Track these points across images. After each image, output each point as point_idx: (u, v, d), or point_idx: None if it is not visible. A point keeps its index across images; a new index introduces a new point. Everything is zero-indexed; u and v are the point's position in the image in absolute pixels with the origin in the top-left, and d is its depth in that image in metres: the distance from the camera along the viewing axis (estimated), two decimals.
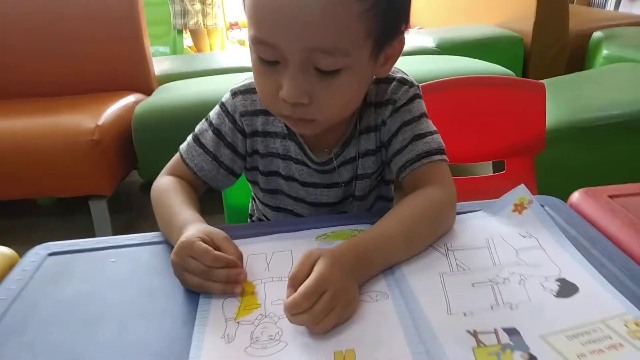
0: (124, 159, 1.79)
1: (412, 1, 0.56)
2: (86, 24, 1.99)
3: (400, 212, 0.56)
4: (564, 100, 1.64)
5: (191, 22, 3.27)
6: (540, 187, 1.21)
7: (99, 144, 1.60)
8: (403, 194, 0.62)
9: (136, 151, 1.79)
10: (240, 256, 0.51)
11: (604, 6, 4.44)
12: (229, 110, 0.66)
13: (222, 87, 1.94)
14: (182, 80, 2.13)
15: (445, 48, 2.49)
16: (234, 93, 0.67)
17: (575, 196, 0.66)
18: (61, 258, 0.59)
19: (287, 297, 0.44)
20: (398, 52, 0.57)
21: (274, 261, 0.55)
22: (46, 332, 0.47)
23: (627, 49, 2.28)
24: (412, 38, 2.69)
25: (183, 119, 1.66)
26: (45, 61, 1.99)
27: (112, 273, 0.55)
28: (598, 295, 0.46)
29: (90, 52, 2.00)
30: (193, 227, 0.53)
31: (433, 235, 0.56)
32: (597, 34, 2.55)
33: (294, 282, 0.45)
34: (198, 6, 3.28)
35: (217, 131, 0.66)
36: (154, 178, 0.68)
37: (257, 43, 0.52)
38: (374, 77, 0.62)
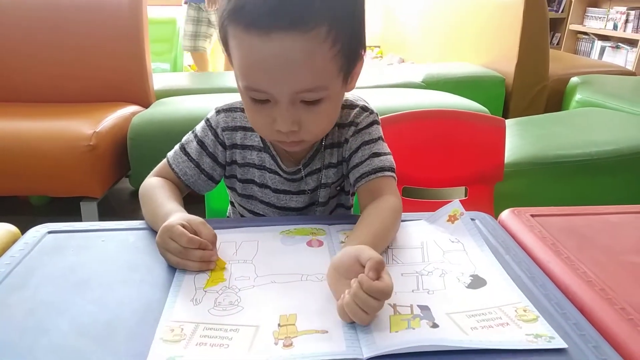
0: (117, 166, 1.88)
1: (406, 38, 0.68)
2: (92, 38, 2.12)
3: (380, 221, 0.65)
4: (530, 137, 1.77)
5: (200, 45, 3.22)
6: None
7: (95, 149, 1.70)
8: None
9: (130, 159, 1.89)
10: (214, 237, 0.61)
11: (589, 54, 4.65)
12: (212, 125, 0.77)
13: (215, 104, 2.07)
14: (179, 96, 2.25)
15: (431, 83, 2.63)
16: (218, 111, 0.78)
17: (505, 214, 0.77)
18: (58, 236, 0.68)
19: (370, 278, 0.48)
20: (360, 69, 0.69)
21: (241, 248, 0.65)
22: (43, 290, 0.56)
23: (598, 94, 2.43)
24: (402, 73, 2.84)
25: (176, 132, 1.72)
26: (51, 70, 2.11)
27: (101, 250, 0.65)
28: (501, 289, 0.57)
29: (95, 64, 2.12)
30: (175, 215, 0.63)
31: (394, 234, 0.67)
32: (574, 79, 2.69)
33: (379, 266, 0.50)
34: (212, 31, 3.25)
35: (200, 142, 0.77)
36: None
37: (250, 90, 0.63)
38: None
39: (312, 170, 0.77)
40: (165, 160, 0.78)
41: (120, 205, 2.22)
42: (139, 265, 0.62)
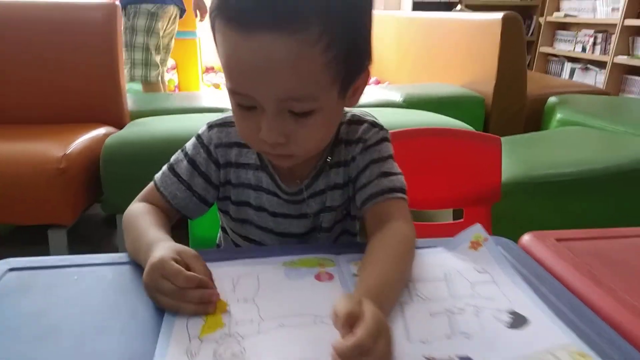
0: (88, 191, 1.76)
1: (382, 59, 0.61)
2: (64, 55, 2.01)
3: (391, 255, 0.57)
4: (520, 156, 1.74)
5: (153, 74, 2.80)
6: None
7: (65, 173, 1.58)
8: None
9: (102, 183, 1.77)
10: (209, 275, 0.52)
11: (559, 75, 4.75)
12: (205, 141, 0.69)
13: (194, 124, 1.95)
14: (155, 116, 2.15)
15: (411, 103, 2.61)
16: (210, 126, 0.69)
17: (525, 238, 0.70)
18: (22, 274, 0.58)
19: (344, 335, 0.42)
20: (365, 83, 0.61)
21: (240, 284, 0.56)
22: (1, 343, 0.46)
23: (578, 114, 2.45)
24: (381, 92, 2.81)
25: (153, 154, 1.66)
26: (18, 89, 1.98)
27: (73, 290, 0.55)
28: (547, 327, 0.49)
29: (65, 83, 2.01)
30: (162, 246, 0.53)
31: (411, 269, 0.58)
32: (552, 99, 2.72)
33: (351, 321, 0.43)
34: (162, 55, 2.86)
35: (191, 161, 0.68)
36: (119, 212, 0.69)
37: (234, 93, 0.56)
38: (345, 111, 0.67)
39: (316, 192, 0.69)
40: (152, 183, 0.69)
41: (92, 233, 2.08)
42: (120, 308, 0.52)
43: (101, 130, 1.92)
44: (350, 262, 0.61)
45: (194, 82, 3.86)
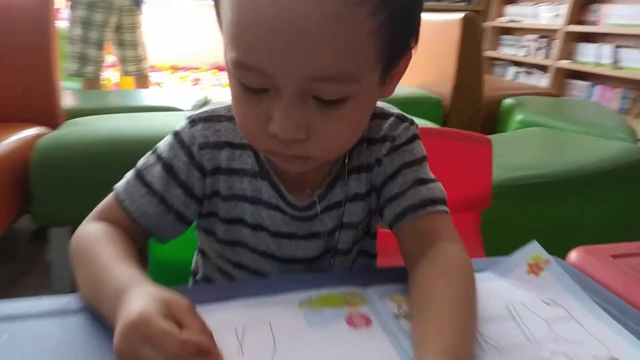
0: (15, 201, 1.51)
1: None
2: None
3: (457, 293, 0.44)
4: (494, 158, 1.67)
5: (89, 69, 2.56)
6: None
7: None
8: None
9: (32, 191, 1.52)
10: (210, 335, 0.36)
11: (503, 76, 4.87)
12: (185, 141, 0.52)
13: (136, 124, 1.75)
14: (94, 115, 1.92)
15: None
16: (193, 121, 0.53)
17: (575, 255, 0.59)
18: None
19: None
20: (404, 69, 0.48)
21: (248, 339, 0.40)
22: None
23: (538, 115, 2.47)
24: None
25: (91, 157, 1.45)
26: None
27: (5, 356, 0.37)
28: None
29: None
30: (140, 294, 0.37)
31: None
32: (508, 101, 2.75)
33: None
34: (131, 52, 2.72)
35: (167, 166, 0.52)
36: (52, 224, 0.51)
37: (241, 68, 0.41)
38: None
39: (331, 204, 0.54)
40: (111, 195, 0.52)
41: (19, 249, 1.81)
42: None
43: (32, 131, 1.67)
44: (385, 296, 0.47)
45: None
